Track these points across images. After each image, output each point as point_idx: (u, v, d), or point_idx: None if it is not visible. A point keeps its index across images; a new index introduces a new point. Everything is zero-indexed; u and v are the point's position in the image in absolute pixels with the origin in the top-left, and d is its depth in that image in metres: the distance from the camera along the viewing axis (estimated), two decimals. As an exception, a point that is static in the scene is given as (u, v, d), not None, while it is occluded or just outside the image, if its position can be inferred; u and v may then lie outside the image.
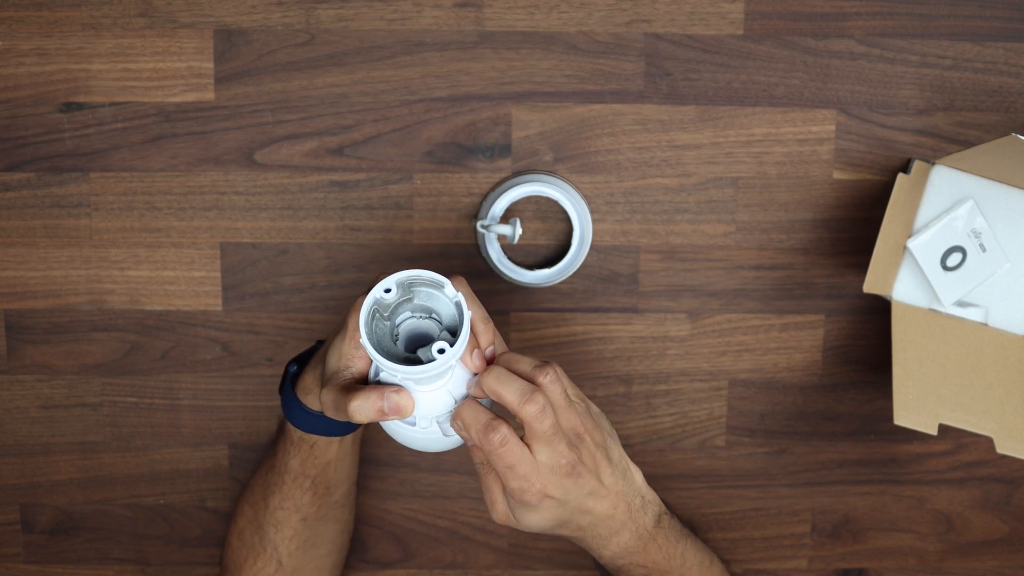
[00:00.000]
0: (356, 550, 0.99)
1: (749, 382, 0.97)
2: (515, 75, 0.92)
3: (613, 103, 0.93)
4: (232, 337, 0.95)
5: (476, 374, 0.76)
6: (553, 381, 0.76)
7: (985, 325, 0.93)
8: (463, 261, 0.94)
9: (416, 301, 0.75)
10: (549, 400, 0.75)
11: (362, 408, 0.73)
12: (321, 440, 0.84)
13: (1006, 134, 0.92)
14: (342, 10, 0.91)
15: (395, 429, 0.77)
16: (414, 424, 0.75)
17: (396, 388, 0.73)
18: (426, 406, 0.75)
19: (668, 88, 0.93)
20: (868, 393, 0.97)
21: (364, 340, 0.71)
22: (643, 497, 0.82)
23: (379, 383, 0.75)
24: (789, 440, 0.98)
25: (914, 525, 0.99)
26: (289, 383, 0.84)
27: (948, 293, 0.92)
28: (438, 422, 0.76)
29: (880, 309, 0.96)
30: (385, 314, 0.74)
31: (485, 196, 0.93)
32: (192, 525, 0.98)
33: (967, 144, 0.93)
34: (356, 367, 0.77)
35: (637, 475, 0.82)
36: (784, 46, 0.92)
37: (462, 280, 0.77)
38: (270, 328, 0.95)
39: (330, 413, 0.76)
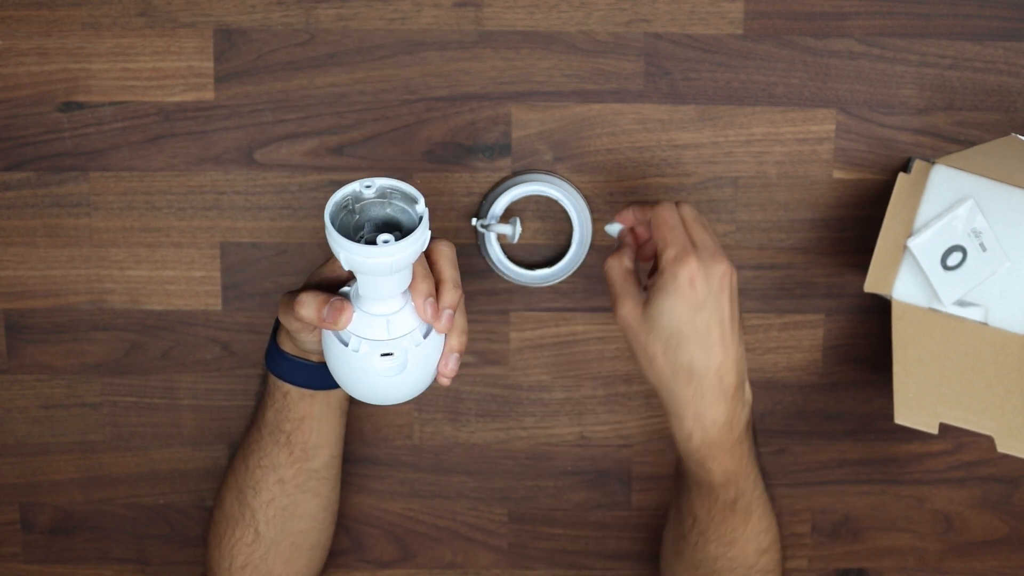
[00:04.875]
0: (355, 550, 0.99)
1: (749, 381, 0.97)
2: (515, 75, 0.92)
3: (613, 103, 0.93)
4: (232, 337, 0.95)
5: (428, 325, 0.77)
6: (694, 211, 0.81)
7: (985, 324, 0.93)
8: (463, 260, 0.94)
9: (388, 211, 0.76)
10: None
11: (306, 302, 0.75)
12: (293, 391, 0.84)
13: (1006, 134, 0.92)
14: (342, 9, 0.91)
15: (329, 349, 0.77)
16: (347, 344, 0.76)
17: (341, 299, 0.76)
18: (362, 327, 0.76)
19: (668, 88, 0.93)
20: (868, 392, 0.97)
21: (327, 214, 0.73)
22: (746, 388, 0.81)
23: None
24: (789, 440, 0.98)
25: (914, 525, 0.99)
26: (274, 331, 0.86)
27: (948, 292, 0.92)
28: (369, 348, 0.76)
29: (880, 308, 0.96)
30: (357, 207, 0.75)
31: (485, 195, 0.93)
32: (192, 525, 0.98)
33: (967, 144, 0.93)
34: (332, 270, 0.79)
35: (745, 372, 0.81)
36: (784, 45, 0.92)
37: (450, 244, 0.79)
38: (270, 328, 0.95)
39: (282, 315, 0.78)
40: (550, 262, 0.94)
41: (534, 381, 0.97)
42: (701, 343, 0.77)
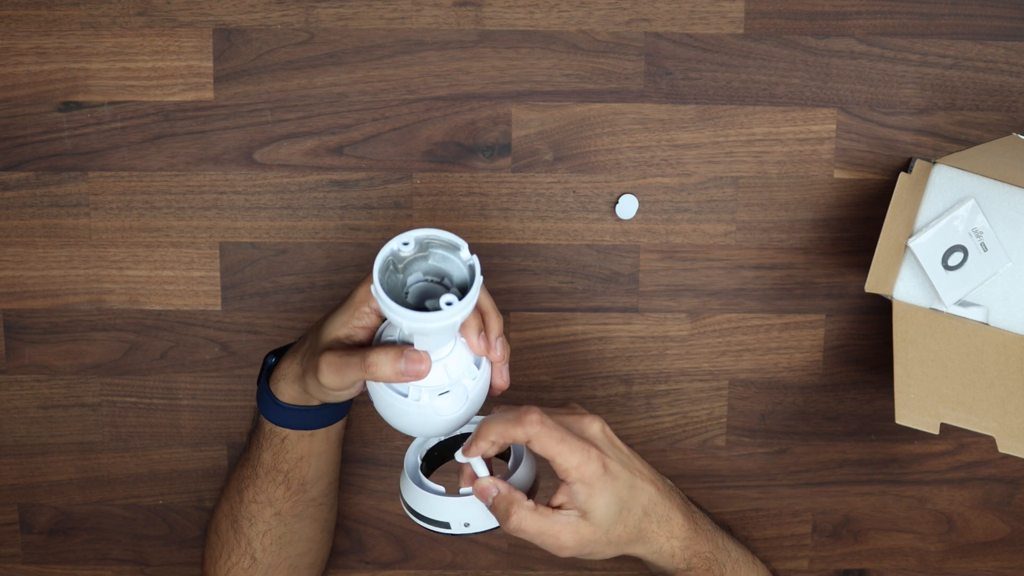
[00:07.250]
0: (356, 550, 0.99)
1: (749, 382, 0.96)
2: (515, 74, 0.92)
3: (613, 102, 0.92)
4: (231, 337, 0.95)
5: (478, 356, 0.76)
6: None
7: (986, 325, 0.93)
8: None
9: (430, 262, 0.74)
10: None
11: (381, 362, 0.72)
12: (292, 434, 0.83)
13: (1007, 133, 0.92)
14: (341, 9, 0.91)
15: (387, 402, 0.76)
16: (407, 395, 0.74)
17: (415, 350, 0.72)
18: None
19: (668, 87, 0.92)
20: (869, 393, 0.97)
21: (376, 285, 0.70)
22: (663, 479, 0.81)
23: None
24: (789, 440, 0.98)
25: (915, 525, 0.99)
26: (265, 374, 0.83)
27: (949, 292, 0.92)
28: (429, 395, 0.75)
29: (881, 309, 0.96)
30: (400, 266, 0.73)
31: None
32: (191, 525, 0.98)
33: (968, 143, 0.93)
34: (358, 337, 0.76)
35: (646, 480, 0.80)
36: (784, 45, 0.92)
37: (486, 292, 0.77)
38: (269, 328, 0.95)
39: (329, 377, 0.75)
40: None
41: (534, 381, 0.96)
42: (636, 488, 0.77)
